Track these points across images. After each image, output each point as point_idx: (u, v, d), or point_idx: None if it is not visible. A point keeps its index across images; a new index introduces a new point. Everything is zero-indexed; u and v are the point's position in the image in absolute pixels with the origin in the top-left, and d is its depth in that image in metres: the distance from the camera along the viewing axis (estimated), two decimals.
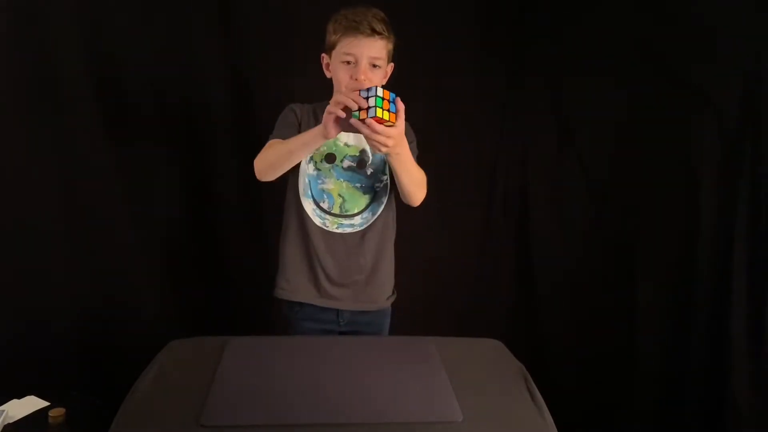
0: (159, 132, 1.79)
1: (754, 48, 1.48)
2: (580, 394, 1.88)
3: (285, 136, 1.35)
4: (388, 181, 1.47)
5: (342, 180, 1.43)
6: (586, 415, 1.84)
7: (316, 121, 1.42)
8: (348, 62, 1.34)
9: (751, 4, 1.48)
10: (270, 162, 1.32)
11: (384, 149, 1.19)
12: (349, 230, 1.45)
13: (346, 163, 1.43)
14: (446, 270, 2.03)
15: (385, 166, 1.46)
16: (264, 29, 1.80)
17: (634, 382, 1.79)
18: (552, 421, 0.99)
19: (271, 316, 1.65)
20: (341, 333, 1.51)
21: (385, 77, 1.43)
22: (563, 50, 1.87)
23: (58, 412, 1.38)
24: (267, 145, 1.37)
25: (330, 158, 1.42)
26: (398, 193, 1.49)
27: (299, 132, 1.38)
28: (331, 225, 1.44)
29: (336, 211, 1.43)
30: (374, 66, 1.35)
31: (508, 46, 1.93)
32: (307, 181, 1.43)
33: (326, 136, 1.21)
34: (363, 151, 1.44)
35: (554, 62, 1.90)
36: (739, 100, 1.53)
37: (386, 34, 1.36)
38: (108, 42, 1.69)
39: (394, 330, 1.62)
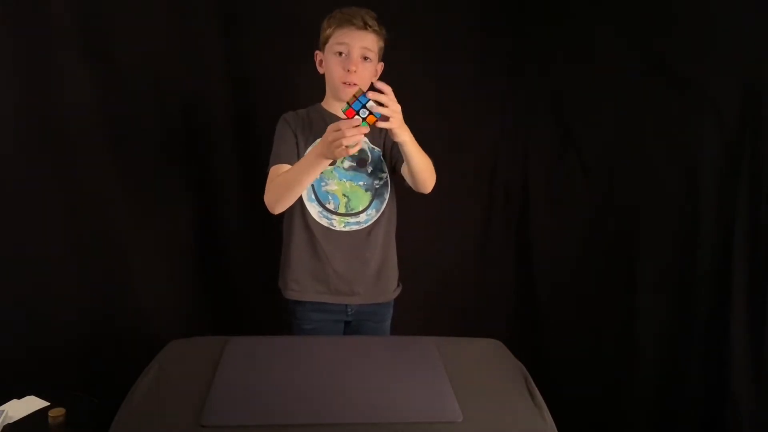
0: (159, 133, 1.79)
1: (754, 48, 1.48)
2: (580, 394, 1.88)
3: (285, 158, 1.38)
4: (387, 178, 1.51)
5: (345, 180, 1.46)
6: (587, 415, 1.84)
7: (311, 126, 1.44)
8: (340, 53, 1.40)
9: (751, 4, 1.48)
10: (279, 197, 1.34)
11: (397, 115, 1.19)
12: (355, 228, 1.48)
13: (347, 163, 1.46)
14: (446, 270, 2.03)
15: (382, 164, 1.50)
16: (265, 31, 1.79)
17: (634, 381, 1.79)
18: (552, 421, 0.99)
19: (274, 313, 1.66)
20: (347, 323, 1.55)
21: (375, 75, 1.48)
22: (564, 50, 1.87)
23: (58, 412, 1.38)
24: (271, 173, 1.39)
25: None
26: (398, 188, 1.52)
27: (297, 146, 1.42)
28: (338, 224, 1.47)
29: (342, 210, 1.46)
30: (365, 59, 1.41)
31: (508, 45, 1.93)
32: (310, 185, 1.44)
33: (332, 157, 1.22)
34: (362, 150, 1.47)
35: (555, 62, 1.89)
36: (739, 100, 1.53)
37: (377, 29, 1.42)
38: (108, 44, 1.69)
39: (395, 329, 1.63)
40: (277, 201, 1.34)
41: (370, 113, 1.15)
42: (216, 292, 1.91)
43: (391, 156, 1.49)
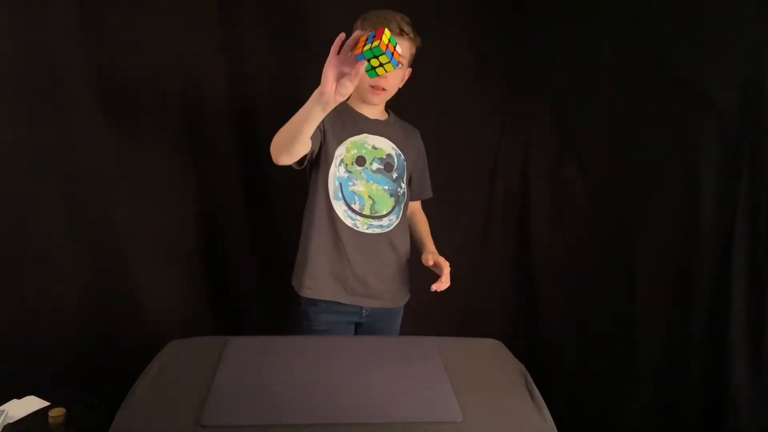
0: (160, 131, 1.78)
1: (755, 48, 1.48)
2: (580, 394, 1.88)
3: None
4: (406, 189, 1.56)
5: (372, 182, 1.48)
6: (586, 415, 1.84)
7: (338, 115, 1.45)
8: None
9: (751, 5, 1.48)
10: (280, 147, 1.31)
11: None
12: (378, 231, 1.50)
13: (375, 165, 1.49)
14: None
15: (405, 173, 1.54)
16: (265, 30, 1.79)
17: (634, 382, 1.78)
18: (552, 421, 0.99)
19: (275, 313, 1.65)
20: (358, 324, 1.57)
21: (402, 80, 1.50)
22: (563, 50, 1.87)
23: (58, 412, 1.38)
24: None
25: (360, 161, 1.47)
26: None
27: (321, 130, 1.41)
28: (362, 226, 1.48)
29: (367, 212, 1.48)
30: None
31: (508, 46, 1.93)
32: (337, 183, 1.46)
33: (326, 100, 1.15)
34: (389, 155, 1.51)
35: (554, 62, 1.89)
36: (739, 100, 1.53)
37: (412, 36, 1.44)
38: (108, 44, 1.68)
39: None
40: (279, 152, 1.30)
41: (381, 65, 1.08)
42: (216, 292, 1.91)
43: (410, 179, 1.57)
